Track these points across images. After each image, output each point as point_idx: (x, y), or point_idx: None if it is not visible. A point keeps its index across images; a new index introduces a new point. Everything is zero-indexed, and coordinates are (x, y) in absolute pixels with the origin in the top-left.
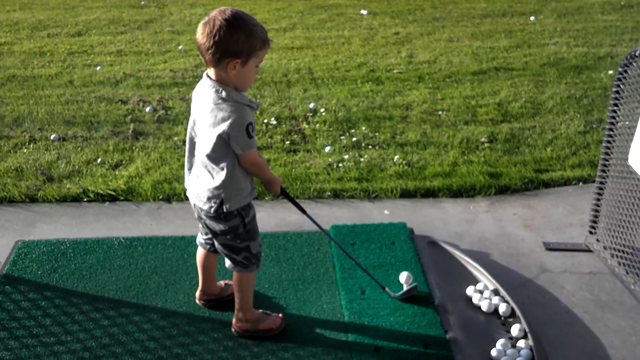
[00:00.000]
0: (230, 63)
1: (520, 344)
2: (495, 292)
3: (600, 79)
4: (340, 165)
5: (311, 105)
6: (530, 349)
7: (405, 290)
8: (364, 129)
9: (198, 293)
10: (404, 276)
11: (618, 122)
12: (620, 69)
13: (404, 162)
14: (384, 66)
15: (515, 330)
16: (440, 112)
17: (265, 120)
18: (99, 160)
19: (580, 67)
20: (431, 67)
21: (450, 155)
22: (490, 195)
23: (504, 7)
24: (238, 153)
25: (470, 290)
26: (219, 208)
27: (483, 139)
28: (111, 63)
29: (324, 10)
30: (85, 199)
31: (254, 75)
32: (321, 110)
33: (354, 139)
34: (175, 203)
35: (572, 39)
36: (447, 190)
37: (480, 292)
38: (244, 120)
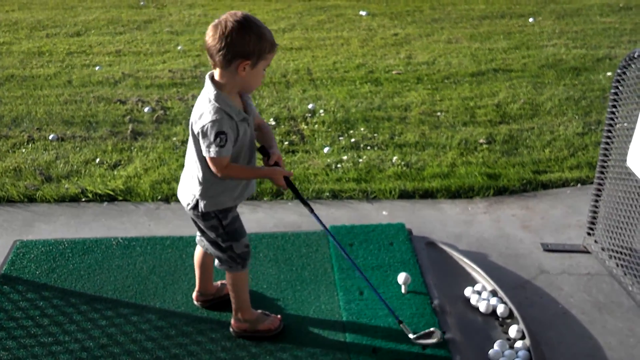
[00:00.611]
0: (241, 64)
1: (518, 344)
2: (494, 293)
3: (599, 81)
4: (339, 165)
5: (310, 106)
6: (528, 350)
7: (424, 333)
8: (362, 129)
9: (195, 294)
10: (402, 277)
11: (616, 124)
12: (619, 71)
13: (403, 163)
14: (382, 67)
15: (513, 331)
16: (438, 113)
17: None
18: (98, 160)
19: (578, 69)
20: (430, 69)
21: (448, 156)
22: (489, 197)
23: (503, 9)
24: (204, 155)
25: (468, 291)
26: (195, 206)
27: (481, 140)
28: (110, 63)
29: (323, 11)
30: (83, 199)
31: (261, 78)
32: (320, 111)
33: (352, 140)
34: (174, 203)
35: (571, 40)
36: (446, 191)
37: (479, 293)
38: (216, 126)
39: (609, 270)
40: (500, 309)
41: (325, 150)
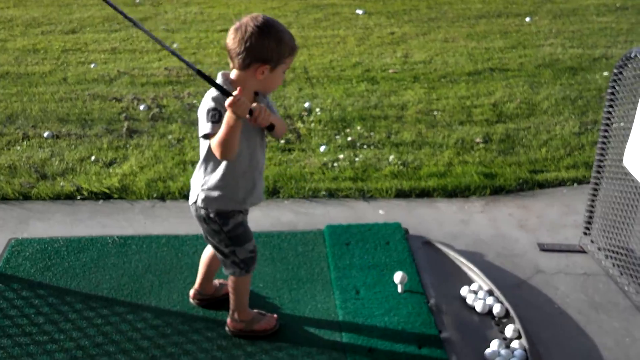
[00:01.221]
0: (259, 69)
1: (514, 344)
2: (490, 293)
3: (595, 81)
4: (335, 164)
5: (306, 105)
6: (524, 350)
7: None
8: (359, 128)
9: (192, 292)
10: (398, 276)
11: (613, 124)
12: (616, 71)
13: (399, 162)
14: (379, 66)
15: (509, 330)
16: (435, 112)
17: None
18: (93, 158)
19: (575, 69)
20: (426, 67)
21: (445, 156)
22: (485, 196)
23: (500, 8)
24: (201, 138)
25: (464, 291)
26: (196, 202)
27: (478, 140)
28: (105, 61)
29: (319, 10)
30: (79, 197)
31: (280, 80)
32: (316, 109)
33: (349, 139)
34: (170, 201)
35: (567, 40)
36: (442, 190)
37: (475, 293)
38: (210, 105)
39: (605, 270)
40: (497, 309)
41: (322, 149)
